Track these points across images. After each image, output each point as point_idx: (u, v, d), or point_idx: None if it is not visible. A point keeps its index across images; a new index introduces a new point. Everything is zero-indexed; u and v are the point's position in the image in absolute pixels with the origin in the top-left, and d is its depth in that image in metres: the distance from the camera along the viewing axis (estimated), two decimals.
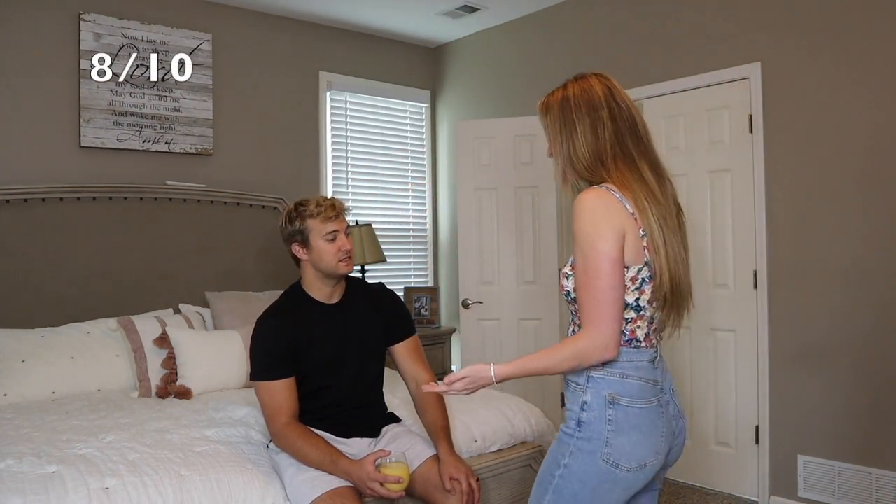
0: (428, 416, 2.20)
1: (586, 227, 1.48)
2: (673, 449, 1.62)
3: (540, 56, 4.40)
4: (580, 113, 1.57)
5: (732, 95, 3.47)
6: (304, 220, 2.17)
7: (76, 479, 1.88)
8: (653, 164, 1.59)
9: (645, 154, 1.58)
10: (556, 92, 1.64)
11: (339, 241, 2.16)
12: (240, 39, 4.23)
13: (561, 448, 1.57)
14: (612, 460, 1.50)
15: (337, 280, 2.22)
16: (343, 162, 4.71)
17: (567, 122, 1.58)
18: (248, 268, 4.06)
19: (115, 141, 3.71)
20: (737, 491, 3.49)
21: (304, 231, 2.17)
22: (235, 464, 2.09)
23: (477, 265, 4.34)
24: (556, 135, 1.61)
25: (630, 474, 1.51)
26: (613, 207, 1.49)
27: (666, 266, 1.52)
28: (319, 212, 2.16)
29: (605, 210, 1.49)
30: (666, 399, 1.60)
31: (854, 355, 3.08)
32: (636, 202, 1.51)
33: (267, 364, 2.11)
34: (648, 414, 1.54)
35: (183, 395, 2.96)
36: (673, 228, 1.55)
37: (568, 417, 1.58)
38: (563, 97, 1.61)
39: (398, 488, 1.92)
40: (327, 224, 2.16)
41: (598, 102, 1.57)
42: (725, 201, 3.52)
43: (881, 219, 3.00)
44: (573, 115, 1.57)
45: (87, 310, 3.44)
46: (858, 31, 3.05)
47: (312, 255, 2.17)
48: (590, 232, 1.47)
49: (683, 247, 1.60)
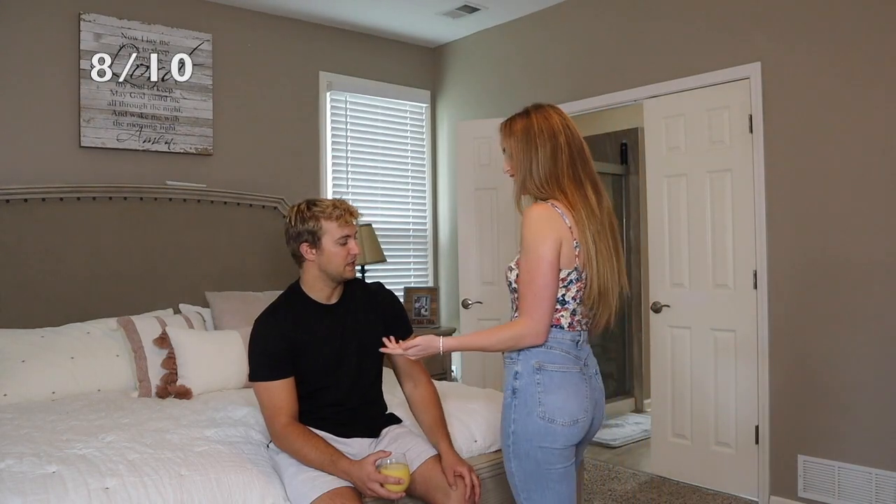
0: (427, 415, 2.21)
1: (531, 234, 1.78)
2: (595, 419, 1.92)
3: (540, 56, 4.40)
4: (542, 139, 1.84)
5: (732, 95, 3.47)
6: (318, 221, 2.13)
7: (76, 479, 1.88)
8: (594, 184, 1.89)
9: (589, 175, 1.88)
10: (518, 118, 1.91)
11: (349, 246, 2.16)
12: (240, 39, 4.23)
13: (505, 417, 1.86)
14: (547, 416, 1.79)
15: (339, 282, 2.22)
16: (343, 162, 4.71)
17: (531, 145, 1.85)
18: (248, 268, 4.06)
19: (115, 141, 3.71)
20: (737, 491, 3.49)
21: (316, 232, 2.14)
22: (235, 464, 2.09)
23: (477, 265, 4.35)
24: (519, 154, 1.87)
25: (566, 429, 1.80)
26: (554, 220, 1.80)
27: (596, 275, 1.83)
28: (338, 215, 2.14)
29: (548, 222, 1.79)
30: (589, 373, 1.91)
31: (854, 355, 3.08)
32: (576, 219, 1.82)
33: (266, 364, 2.11)
34: (572, 378, 1.84)
35: (183, 395, 2.96)
36: (605, 239, 1.87)
37: (505, 389, 1.87)
38: (526, 124, 1.88)
39: (398, 489, 1.92)
40: (344, 229, 2.15)
41: (556, 130, 1.85)
42: (725, 201, 3.51)
43: (881, 218, 3.00)
44: (536, 139, 1.85)
45: (87, 310, 3.44)
46: (858, 31, 3.05)
47: (321, 258, 2.15)
48: (534, 238, 1.78)
49: (615, 251, 1.90)
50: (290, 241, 2.20)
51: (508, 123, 1.92)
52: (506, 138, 1.91)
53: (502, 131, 1.93)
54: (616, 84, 3.96)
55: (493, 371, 4.31)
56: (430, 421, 2.20)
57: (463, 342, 1.95)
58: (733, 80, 3.46)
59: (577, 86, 4.17)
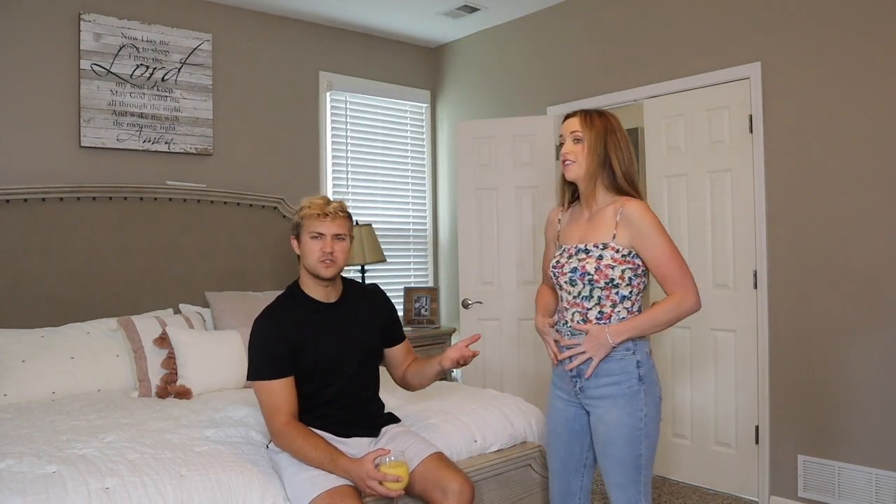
0: (423, 365, 2.32)
1: (655, 220, 2.01)
2: None
3: (540, 56, 4.39)
4: (623, 136, 2.05)
5: (732, 95, 3.47)
6: (300, 215, 2.22)
7: (76, 479, 1.88)
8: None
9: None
10: (595, 114, 2.06)
11: (321, 243, 2.17)
12: (240, 39, 4.23)
13: (634, 403, 2.01)
14: (660, 394, 2.09)
15: (326, 280, 2.22)
16: (343, 162, 4.71)
17: (613, 139, 2.03)
18: (248, 268, 4.06)
19: (115, 141, 3.71)
20: (737, 491, 3.49)
21: (298, 225, 2.22)
22: (235, 464, 2.09)
23: (477, 265, 4.34)
24: (599, 147, 2.03)
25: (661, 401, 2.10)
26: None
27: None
28: (316, 213, 2.18)
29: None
30: None
31: (854, 355, 3.08)
32: None
33: (265, 364, 2.11)
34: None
35: (183, 395, 2.96)
36: None
37: (623, 381, 2.01)
38: (607, 119, 2.06)
39: (397, 487, 1.93)
40: (314, 222, 2.18)
41: (626, 134, 2.06)
42: (725, 201, 3.51)
43: (881, 218, 3.00)
44: (617, 135, 2.04)
45: (87, 310, 3.44)
46: (858, 31, 3.05)
47: (302, 251, 2.22)
48: (659, 224, 2.01)
49: None
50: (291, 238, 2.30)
51: (588, 116, 2.06)
52: (586, 129, 2.04)
53: (582, 121, 2.06)
54: (616, 84, 3.96)
55: (493, 371, 4.31)
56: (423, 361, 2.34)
57: (630, 328, 2.00)
58: (733, 80, 3.46)
59: (576, 86, 4.17)
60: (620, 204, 2.02)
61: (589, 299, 2.05)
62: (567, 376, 2.11)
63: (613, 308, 2.03)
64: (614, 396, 2.02)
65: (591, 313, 2.05)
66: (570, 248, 2.10)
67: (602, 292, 2.02)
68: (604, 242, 2.03)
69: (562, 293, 2.13)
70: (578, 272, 2.03)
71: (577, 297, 2.06)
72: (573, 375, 2.09)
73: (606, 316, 2.03)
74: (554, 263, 2.13)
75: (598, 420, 2.06)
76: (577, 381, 2.08)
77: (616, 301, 2.03)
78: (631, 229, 1.99)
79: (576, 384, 2.09)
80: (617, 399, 2.01)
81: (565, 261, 2.09)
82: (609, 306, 2.03)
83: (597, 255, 2.02)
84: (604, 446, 2.05)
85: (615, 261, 2.00)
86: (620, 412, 2.01)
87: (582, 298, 2.05)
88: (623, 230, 2.01)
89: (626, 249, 2.01)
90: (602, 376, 2.03)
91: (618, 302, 2.03)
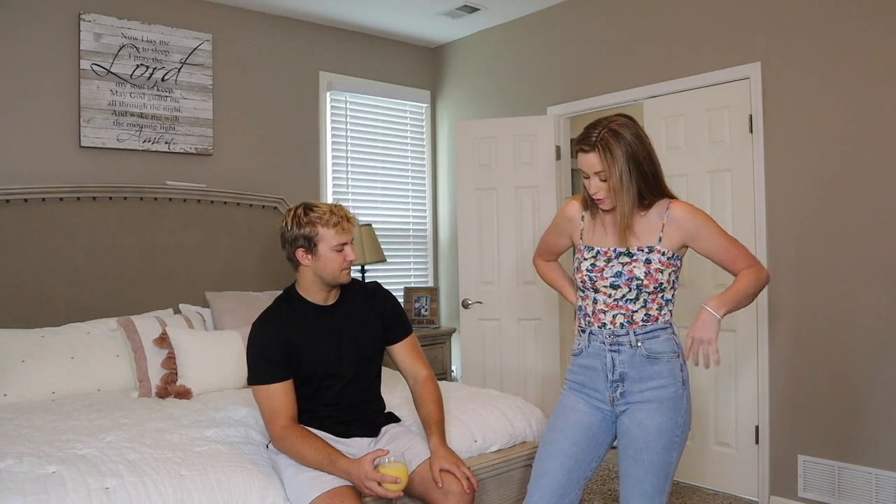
0: (423, 410, 2.21)
1: (703, 213, 1.99)
2: None
3: (540, 56, 4.39)
4: (641, 142, 1.91)
5: (732, 95, 3.47)
6: (314, 227, 2.11)
7: (76, 479, 1.88)
8: None
9: None
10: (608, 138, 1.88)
11: (346, 253, 2.14)
12: (240, 39, 4.23)
13: (677, 409, 1.96)
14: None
15: (335, 286, 2.22)
16: (343, 162, 4.71)
17: (635, 160, 1.90)
18: (248, 268, 4.06)
19: (115, 141, 3.71)
20: (737, 491, 3.49)
21: (312, 238, 2.11)
22: (235, 464, 2.09)
23: (477, 265, 4.34)
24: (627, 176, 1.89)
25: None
26: None
27: None
28: (335, 222, 2.11)
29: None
30: None
31: (854, 355, 3.08)
32: None
33: (264, 368, 2.11)
34: None
35: (183, 395, 2.96)
36: None
37: (670, 384, 1.96)
38: (622, 138, 1.88)
39: (396, 488, 1.92)
40: (341, 236, 2.12)
41: (640, 131, 1.95)
42: (725, 201, 3.51)
43: (881, 218, 3.00)
44: (635, 149, 1.90)
45: (87, 310, 3.45)
46: (858, 31, 3.05)
47: (317, 263, 2.14)
48: (707, 215, 1.99)
49: None
50: (285, 245, 2.18)
51: (606, 149, 1.88)
52: (609, 165, 1.89)
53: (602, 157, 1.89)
54: (616, 84, 3.96)
55: (493, 371, 4.31)
56: (424, 415, 2.21)
57: (728, 300, 1.92)
58: (733, 80, 3.46)
59: (577, 86, 4.17)
60: (664, 206, 1.97)
61: (635, 301, 1.97)
62: (604, 379, 1.98)
63: (660, 311, 1.98)
64: (660, 400, 1.94)
65: (637, 315, 1.97)
66: (606, 251, 1.99)
67: (649, 296, 1.97)
68: (649, 245, 1.95)
69: (595, 296, 2.00)
70: (624, 276, 1.95)
71: (621, 300, 1.97)
72: (615, 380, 1.97)
73: (653, 318, 1.97)
74: (589, 267, 2.00)
75: (635, 425, 1.95)
76: (619, 385, 1.97)
77: (662, 304, 1.99)
78: (681, 231, 1.95)
79: (616, 388, 1.97)
80: (662, 403, 1.94)
81: (603, 264, 1.98)
82: (655, 309, 1.98)
83: (643, 258, 1.95)
84: (639, 452, 1.94)
85: (662, 264, 1.95)
86: (663, 417, 1.93)
87: (626, 301, 1.97)
88: (672, 232, 1.95)
89: (671, 252, 1.96)
90: (649, 379, 1.95)
91: (663, 305, 1.99)
